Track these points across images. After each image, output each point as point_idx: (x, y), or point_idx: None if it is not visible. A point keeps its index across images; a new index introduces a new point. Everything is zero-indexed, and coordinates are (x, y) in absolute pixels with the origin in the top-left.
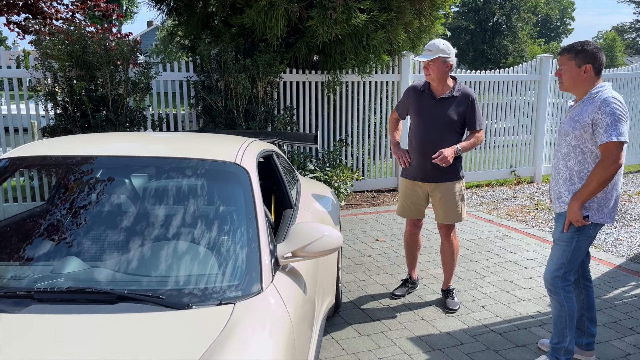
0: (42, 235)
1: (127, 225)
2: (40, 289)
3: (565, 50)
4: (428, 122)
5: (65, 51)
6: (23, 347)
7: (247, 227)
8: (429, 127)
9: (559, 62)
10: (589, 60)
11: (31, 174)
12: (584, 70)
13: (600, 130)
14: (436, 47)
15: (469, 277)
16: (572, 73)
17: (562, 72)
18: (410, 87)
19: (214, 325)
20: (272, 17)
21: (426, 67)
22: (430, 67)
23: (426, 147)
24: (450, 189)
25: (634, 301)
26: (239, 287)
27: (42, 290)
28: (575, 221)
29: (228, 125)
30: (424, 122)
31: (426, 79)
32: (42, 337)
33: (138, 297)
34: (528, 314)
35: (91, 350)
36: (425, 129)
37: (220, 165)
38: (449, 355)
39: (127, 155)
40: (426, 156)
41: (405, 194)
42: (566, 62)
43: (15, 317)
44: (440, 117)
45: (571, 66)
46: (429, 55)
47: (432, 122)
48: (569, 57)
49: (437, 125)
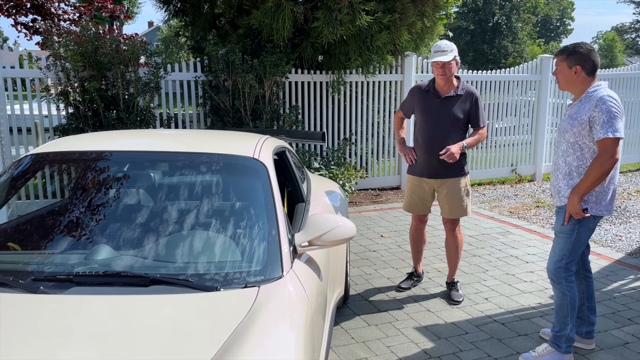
0: (74, 226)
1: (154, 216)
2: (79, 273)
3: (559, 52)
4: (434, 121)
5: (77, 52)
6: (68, 321)
7: (267, 217)
8: (435, 125)
9: (556, 63)
10: (579, 62)
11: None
12: (574, 71)
13: (597, 127)
14: (451, 47)
15: (472, 271)
16: (565, 74)
17: (557, 72)
18: (415, 87)
19: (241, 306)
20: (278, 18)
21: (442, 66)
22: (446, 67)
23: (432, 145)
24: (456, 184)
25: (632, 293)
26: (261, 272)
27: (81, 274)
28: (575, 214)
29: (235, 124)
30: (430, 121)
31: (440, 79)
32: (83, 313)
33: (170, 280)
34: (530, 305)
35: (129, 324)
36: (431, 127)
37: (240, 160)
38: (454, 344)
39: (152, 150)
40: (432, 153)
41: (412, 190)
42: (560, 63)
43: (58, 297)
44: (446, 116)
45: (563, 67)
46: (447, 56)
47: (437, 121)
48: (562, 58)
49: (443, 123)
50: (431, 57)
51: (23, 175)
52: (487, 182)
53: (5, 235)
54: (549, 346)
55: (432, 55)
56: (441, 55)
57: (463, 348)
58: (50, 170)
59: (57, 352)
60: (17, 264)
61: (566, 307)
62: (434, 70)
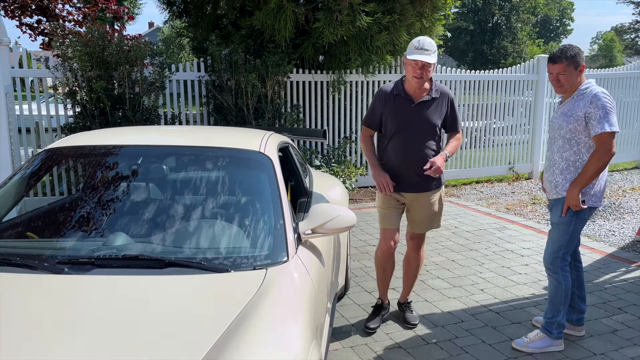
0: (92, 215)
1: (168, 205)
2: (100, 256)
3: (560, 59)
4: (409, 129)
5: (85, 52)
6: (91, 297)
7: (273, 207)
8: (411, 134)
9: (558, 70)
10: (581, 60)
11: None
12: (579, 70)
13: (593, 123)
14: (434, 47)
15: (468, 264)
16: (573, 76)
17: (562, 77)
18: (380, 93)
19: (251, 286)
20: (280, 19)
21: (421, 67)
22: (426, 69)
23: (409, 157)
24: (436, 196)
25: (623, 285)
26: (269, 256)
27: (102, 257)
28: (574, 206)
29: (238, 122)
30: (404, 130)
31: (414, 81)
32: (104, 291)
33: (184, 262)
34: (524, 296)
35: (147, 300)
36: (407, 137)
37: (247, 153)
38: (451, 331)
39: (165, 144)
40: (410, 167)
41: (383, 201)
42: (566, 69)
43: (81, 277)
44: (422, 122)
45: (571, 71)
46: (430, 56)
47: (413, 129)
48: (567, 63)
49: (419, 131)
50: (410, 53)
51: (41, 169)
52: (485, 179)
53: (28, 225)
54: (540, 332)
55: (410, 52)
56: (423, 54)
57: (459, 335)
58: (67, 164)
59: (82, 322)
60: (42, 250)
61: (560, 295)
62: (409, 70)
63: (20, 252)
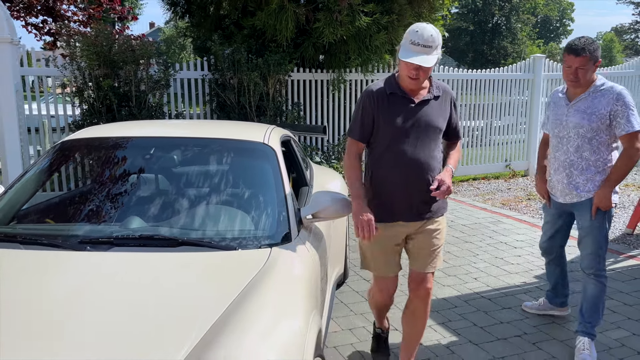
0: (110, 201)
1: (178, 192)
2: (118, 236)
3: (584, 51)
4: (409, 136)
5: (93, 51)
6: (111, 271)
7: (277, 193)
8: (411, 143)
9: (579, 63)
10: (599, 54)
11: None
12: (596, 66)
13: (621, 121)
14: (437, 42)
15: (463, 254)
16: (590, 72)
17: (581, 72)
18: (370, 93)
19: (257, 262)
20: (281, 19)
21: (416, 69)
22: (424, 69)
23: (411, 171)
24: (442, 224)
25: (611, 274)
26: (273, 237)
27: (120, 237)
28: (606, 206)
29: (241, 120)
30: (404, 137)
31: (412, 84)
32: (123, 265)
33: (196, 242)
34: (515, 284)
35: (162, 273)
36: (407, 145)
37: (252, 144)
38: (445, 315)
39: (175, 136)
40: (411, 185)
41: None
42: (587, 63)
43: (102, 254)
44: (425, 127)
45: (590, 66)
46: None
47: (414, 135)
48: (588, 57)
49: (422, 139)
50: (404, 51)
51: (59, 160)
52: (482, 176)
53: (51, 210)
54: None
55: (405, 47)
56: (420, 53)
57: (452, 319)
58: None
59: (101, 292)
60: (65, 231)
61: (603, 297)
62: (403, 67)
63: (46, 233)
